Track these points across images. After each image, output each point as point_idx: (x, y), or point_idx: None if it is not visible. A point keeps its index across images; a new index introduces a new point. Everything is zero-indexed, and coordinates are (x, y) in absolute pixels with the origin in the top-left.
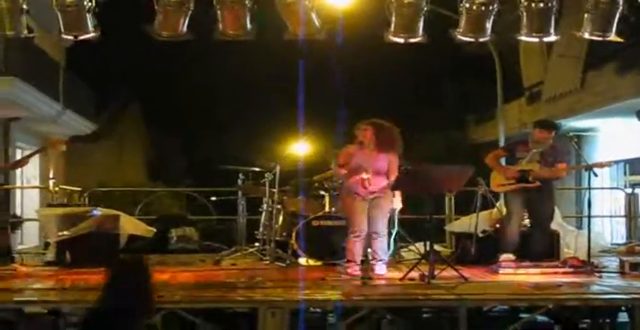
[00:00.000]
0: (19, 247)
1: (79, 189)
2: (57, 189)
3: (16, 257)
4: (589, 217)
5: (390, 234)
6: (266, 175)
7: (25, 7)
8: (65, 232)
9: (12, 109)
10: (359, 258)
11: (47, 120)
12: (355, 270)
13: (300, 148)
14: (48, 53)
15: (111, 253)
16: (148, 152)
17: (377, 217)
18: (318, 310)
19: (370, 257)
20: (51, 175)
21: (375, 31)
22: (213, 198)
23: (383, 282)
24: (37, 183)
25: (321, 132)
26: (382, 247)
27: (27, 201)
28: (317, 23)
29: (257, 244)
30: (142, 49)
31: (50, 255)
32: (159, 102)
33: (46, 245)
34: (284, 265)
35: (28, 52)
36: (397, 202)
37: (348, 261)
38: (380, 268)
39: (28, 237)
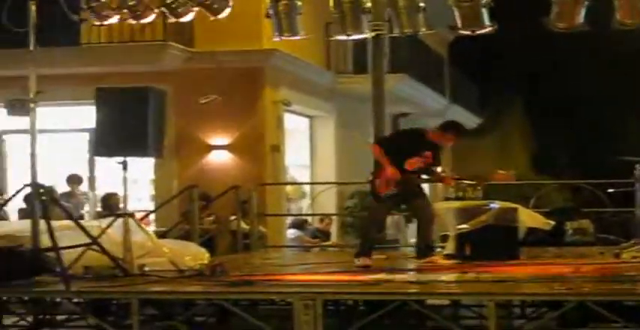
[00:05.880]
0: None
1: (474, 182)
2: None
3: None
4: None
5: None
6: None
7: (421, 4)
8: (464, 225)
9: (401, 105)
10: None
11: (434, 115)
12: None
13: None
14: (432, 48)
15: (510, 245)
16: (531, 145)
17: None
18: None
19: None
20: (439, 169)
21: None
22: (611, 190)
23: None
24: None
25: None
26: None
27: None
28: None
29: None
30: (524, 41)
31: (450, 248)
32: (542, 94)
33: (444, 238)
34: None
35: (415, 49)
36: None
37: None
38: None
39: None
